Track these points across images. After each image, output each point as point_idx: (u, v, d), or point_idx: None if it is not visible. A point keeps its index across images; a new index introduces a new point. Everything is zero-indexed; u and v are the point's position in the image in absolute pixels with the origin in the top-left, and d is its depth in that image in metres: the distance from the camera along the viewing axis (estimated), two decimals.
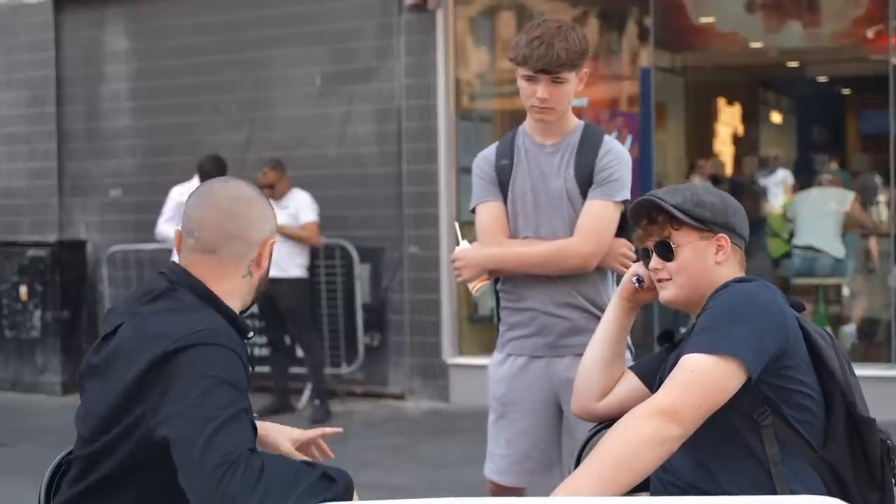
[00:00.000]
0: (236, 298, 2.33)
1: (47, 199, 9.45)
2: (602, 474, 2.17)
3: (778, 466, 2.29)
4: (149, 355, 2.11)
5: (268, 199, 2.42)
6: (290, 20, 8.48)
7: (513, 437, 3.40)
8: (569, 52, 3.20)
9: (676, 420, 2.21)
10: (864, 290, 9.03)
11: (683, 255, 2.47)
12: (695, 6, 8.91)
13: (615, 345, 2.69)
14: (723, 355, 2.25)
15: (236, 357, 2.15)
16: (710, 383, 2.24)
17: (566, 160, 3.34)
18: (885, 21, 8.06)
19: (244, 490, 1.99)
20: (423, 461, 6.40)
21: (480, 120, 8.85)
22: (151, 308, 2.23)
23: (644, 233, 2.53)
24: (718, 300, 2.37)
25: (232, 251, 2.31)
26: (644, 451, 2.19)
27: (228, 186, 2.37)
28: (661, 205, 2.46)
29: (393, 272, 8.24)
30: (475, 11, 8.60)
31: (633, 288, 2.63)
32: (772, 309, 2.33)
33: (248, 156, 8.60)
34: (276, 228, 2.43)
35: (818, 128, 11.86)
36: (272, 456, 2.13)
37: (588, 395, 2.69)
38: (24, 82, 9.52)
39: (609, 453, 2.20)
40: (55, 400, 8.56)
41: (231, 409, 2.08)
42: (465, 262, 3.35)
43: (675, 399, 2.23)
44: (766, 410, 2.30)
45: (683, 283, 2.48)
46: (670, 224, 2.47)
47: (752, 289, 2.38)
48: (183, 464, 2.06)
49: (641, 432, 2.20)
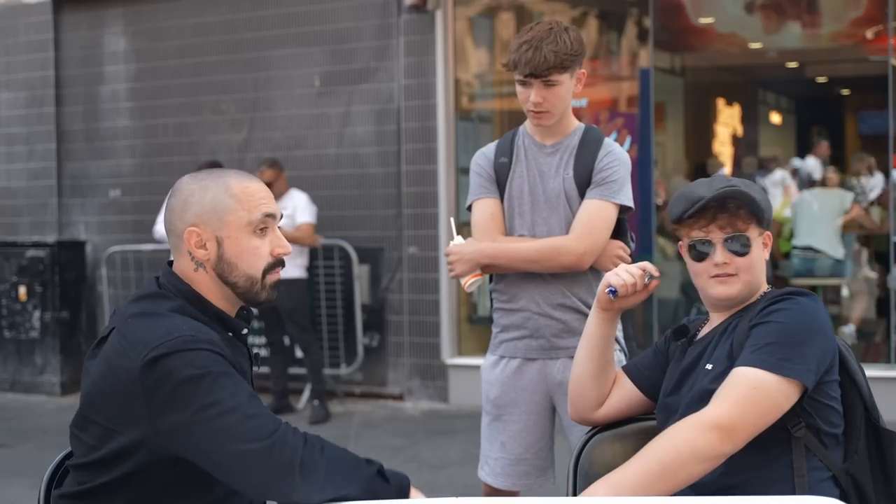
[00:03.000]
0: (211, 294, 2.27)
1: (46, 200, 9.45)
2: (645, 478, 2.15)
3: (803, 479, 2.27)
4: (129, 364, 2.08)
5: (205, 185, 2.27)
6: (289, 20, 8.48)
7: (507, 440, 3.38)
8: (558, 55, 3.17)
9: (732, 438, 2.18)
10: (864, 291, 9.02)
11: (755, 251, 2.43)
12: (694, 7, 8.91)
13: (602, 355, 2.63)
14: (787, 376, 2.22)
15: (220, 357, 2.11)
16: (769, 402, 2.21)
17: (565, 161, 3.33)
18: (884, 22, 8.07)
19: (309, 455, 2.01)
20: (423, 461, 6.40)
21: (480, 120, 8.85)
22: (135, 309, 2.21)
23: (714, 224, 2.41)
24: (784, 315, 2.31)
25: (173, 246, 2.30)
26: (692, 465, 2.17)
27: (177, 182, 2.33)
28: (756, 200, 2.40)
29: (392, 273, 8.23)
30: (474, 12, 8.60)
31: (609, 299, 2.55)
32: (828, 330, 2.32)
33: (248, 156, 8.60)
34: (205, 215, 2.24)
35: (817, 128, 11.85)
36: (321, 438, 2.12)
37: (585, 407, 2.66)
38: (24, 83, 9.52)
39: (657, 458, 2.18)
40: (54, 400, 8.56)
41: (241, 395, 2.07)
42: (457, 257, 3.33)
43: (734, 416, 2.19)
44: (800, 422, 2.28)
45: (748, 281, 2.43)
46: (752, 220, 2.41)
47: (815, 307, 2.34)
48: (221, 462, 2.04)
49: (695, 445, 2.17)
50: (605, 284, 2.55)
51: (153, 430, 2.07)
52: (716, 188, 2.39)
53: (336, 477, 2.01)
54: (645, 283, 2.51)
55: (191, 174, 2.33)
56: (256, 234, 2.27)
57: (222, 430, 2.02)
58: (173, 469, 2.14)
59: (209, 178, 2.28)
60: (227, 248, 2.25)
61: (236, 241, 2.25)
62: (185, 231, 2.24)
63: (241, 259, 2.25)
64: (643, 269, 2.51)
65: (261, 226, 2.27)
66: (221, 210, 2.24)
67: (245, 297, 2.29)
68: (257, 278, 2.28)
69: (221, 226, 2.24)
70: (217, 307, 2.27)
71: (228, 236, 2.24)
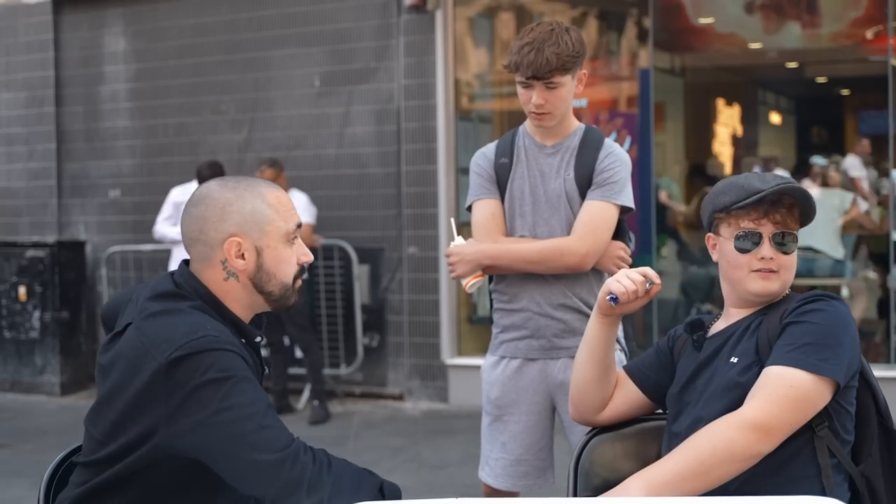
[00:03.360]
0: (235, 302, 2.26)
1: (46, 200, 9.45)
2: (681, 474, 2.16)
3: (829, 479, 2.27)
4: (152, 362, 2.07)
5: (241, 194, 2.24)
6: (289, 21, 8.48)
7: (508, 441, 3.38)
8: (559, 57, 3.16)
9: (769, 438, 2.19)
10: (864, 291, 9.02)
11: (794, 251, 2.43)
12: (694, 7, 8.91)
13: (604, 359, 2.61)
14: (824, 376, 2.23)
15: (241, 360, 2.11)
16: (806, 402, 2.22)
17: (566, 161, 3.32)
18: (884, 22, 8.07)
19: (316, 474, 2.02)
20: (423, 462, 6.40)
21: (479, 120, 8.85)
22: (154, 307, 2.18)
23: (767, 218, 2.38)
24: (819, 316, 2.31)
25: (197, 254, 2.25)
26: (729, 464, 2.17)
27: (201, 188, 2.29)
28: (811, 200, 2.38)
29: (392, 273, 8.23)
30: (474, 12, 8.60)
31: (610, 305, 2.53)
32: (856, 333, 2.33)
33: (247, 156, 8.61)
34: (246, 225, 2.22)
35: (817, 128, 11.84)
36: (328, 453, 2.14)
37: (588, 410, 2.65)
38: (23, 83, 9.52)
39: (695, 456, 2.18)
40: (54, 401, 8.56)
41: (260, 403, 2.07)
42: (459, 258, 3.32)
43: (772, 415, 2.19)
44: (823, 421, 2.29)
45: (788, 279, 2.43)
46: (800, 220, 2.41)
47: (847, 311, 2.35)
48: (233, 468, 2.04)
49: (733, 445, 2.18)
50: (605, 291, 2.52)
51: (167, 427, 2.07)
52: (772, 183, 2.37)
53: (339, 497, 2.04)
54: (646, 289, 2.51)
55: (216, 181, 2.30)
56: (289, 243, 2.28)
57: (237, 435, 2.03)
58: (176, 477, 2.14)
59: (241, 185, 2.26)
60: (266, 257, 2.24)
61: (275, 251, 2.25)
62: (226, 241, 2.22)
63: (278, 269, 2.26)
64: (644, 276, 2.50)
65: (293, 235, 2.29)
66: (262, 220, 2.23)
67: (277, 304, 2.30)
68: (290, 286, 2.29)
69: (262, 235, 2.24)
70: (235, 313, 2.26)
71: (268, 246, 2.24)
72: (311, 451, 2.08)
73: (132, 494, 2.16)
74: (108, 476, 2.15)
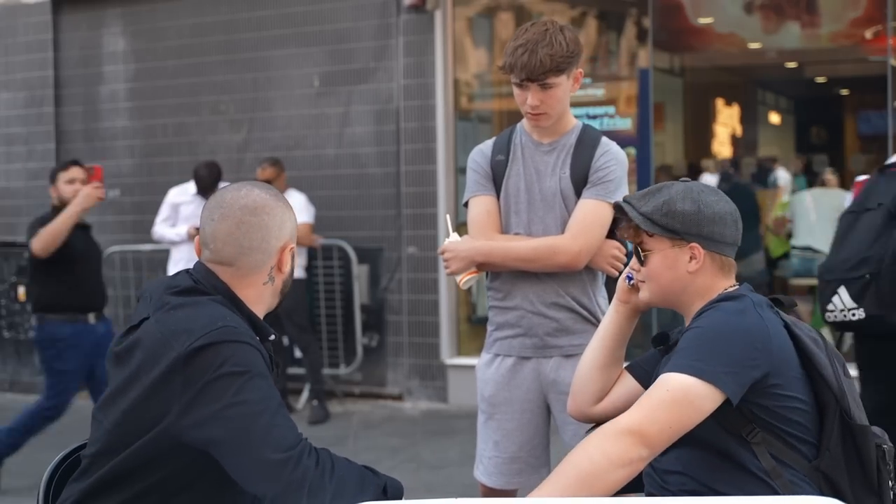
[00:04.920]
0: (258, 303, 2.32)
1: (45, 200, 9.42)
2: (565, 491, 2.15)
3: (781, 478, 2.27)
4: (171, 352, 2.10)
5: (284, 200, 2.37)
6: (288, 21, 8.48)
7: (501, 439, 3.37)
8: (553, 58, 3.15)
9: (645, 442, 2.19)
10: None
11: (653, 262, 2.45)
12: (693, 7, 8.91)
13: (614, 350, 2.65)
14: (700, 378, 2.22)
15: (259, 354, 2.15)
16: (684, 405, 2.22)
17: (562, 159, 3.32)
18: (883, 22, 8.07)
19: (318, 479, 2.04)
20: (422, 462, 6.40)
21: (479, 120, 8.85)
22: (174, 301, 2.21)
23: (626, 234, 2.53)
24: (704, 320, 2.34)
25: (249, 262, 2.29)
26: (609, 472, 2.16)
27: (241, 196, 2.29)
28: (629, 213, 2.44)
29: (391, 273, 8.23)
30: (473, 12, 8.60)
31: (628, 287, 2.58)
32: (755, 333, 2.29)
33: (247, 156, 8.60)
34: (295, 231, 2.37)
35: (816, 128, 11.86)
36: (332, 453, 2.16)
37: (584, 399, 2.67)
38: (23, 83, 9.52)
39: (573, 470, 2.18)
40: None
41: (272, 401, 2.10)
42: (453, 254, 3.32)
43: (644, 419, 2.20)
44: (754, 428, 2.29)
45: (655, 290, 2.48)
46: (643, 230, 2.44)
47: (739, 309, 2.33)
48: (238, 462, 2.07)
49: (609, 453, 2.17)
50: (624, 273, 2.59)
51: (180, 417, 2.09)
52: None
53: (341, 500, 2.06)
54: None
55: (259, 189, 2.33)
56: None
57: (246, 430, 2.06)
58: (181, 472, 2.15)
59: (273, 191, 2.36)
60: (291, 262, 2.37)
61: (292, 255, 2.37)
62: (285, 249, 2.32)
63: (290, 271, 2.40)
64: None
65: None
66: (294, 226, 2.38)
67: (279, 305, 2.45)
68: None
69: (294, 241, 2.38)
70: (252, 311, 2.31)
71: (292, 250, 2.36)
72: (316, 453, 2.10)
73: (138, 489, 2.17)
74: (114, 468, 2.16)
